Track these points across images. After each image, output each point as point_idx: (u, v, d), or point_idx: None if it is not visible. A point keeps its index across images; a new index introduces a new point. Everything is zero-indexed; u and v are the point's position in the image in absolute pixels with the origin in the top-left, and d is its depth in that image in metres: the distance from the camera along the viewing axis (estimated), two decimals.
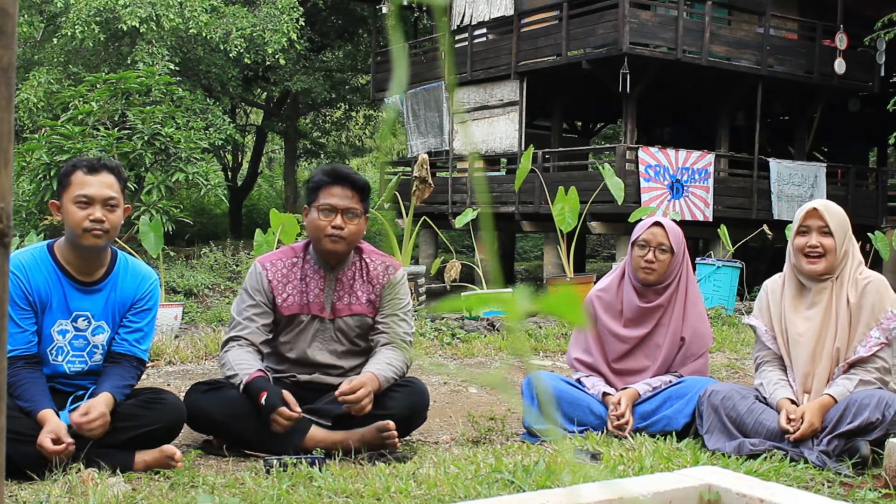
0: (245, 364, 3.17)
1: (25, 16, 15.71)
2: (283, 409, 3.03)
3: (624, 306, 3.64)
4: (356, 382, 3.09)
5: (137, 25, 14.01)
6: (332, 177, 3.27)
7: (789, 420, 3.07)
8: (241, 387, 3.12)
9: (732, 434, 3.17)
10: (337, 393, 3.09)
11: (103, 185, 2.91)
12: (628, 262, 3.65)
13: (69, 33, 14.22)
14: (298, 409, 3.06)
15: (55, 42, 15.30)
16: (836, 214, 3.23)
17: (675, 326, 3.59)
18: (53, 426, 2.75)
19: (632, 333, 3.61)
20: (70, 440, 2.74)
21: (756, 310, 3.43)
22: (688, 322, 3.60)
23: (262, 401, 3.04)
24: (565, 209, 9.50)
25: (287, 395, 3.08)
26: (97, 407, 2.81)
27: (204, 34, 14.53)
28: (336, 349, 3.34)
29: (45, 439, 2.71)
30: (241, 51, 14.92)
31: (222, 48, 15.13)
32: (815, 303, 3.22)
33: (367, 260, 3.39)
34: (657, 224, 3.57)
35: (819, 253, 3.18)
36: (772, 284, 3.39)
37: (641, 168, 12.44)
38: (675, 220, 3.83)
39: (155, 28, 14.19)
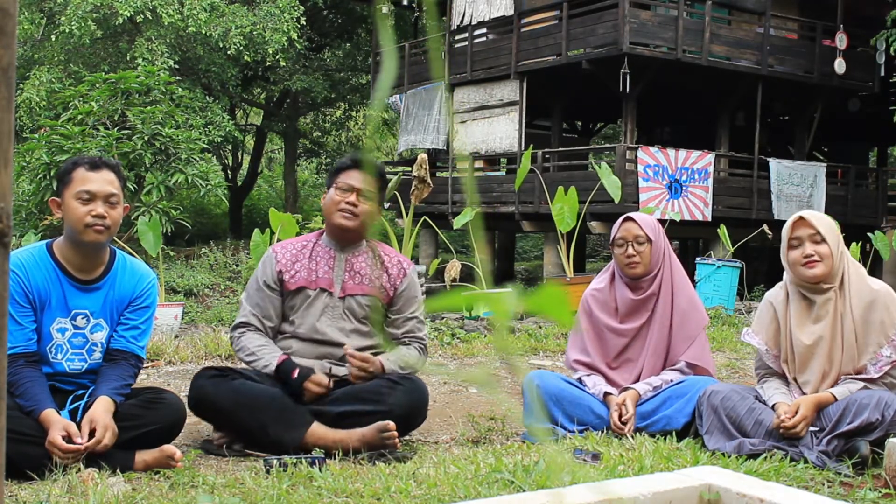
0: (266, 349, 3.32)
1: (26, 13, 15.70)
2: (315, 376, 3.21)
3: (618, 302, 3.67)
4: (367, 355, 3.30)
5: (133, 15, 14.00)
6: (354, 161, 3.46)
7: (782, 418, 3.07)
8: (273, 368, 3.25)
9: (732, 434, 3.17)
10: (346, 350, 3.28)
11: (105, 181, 2.93)
12: (615, 262, 3.69)
13: (66, 30, 14.22)
14: (330, 385, 3.23)
15: (54, 40, 15.29)
16: (823, 220, 3.20)
17: (666, 314, 3.62)
18: (64, 424, 2.75)
19: (629, 326, 3.63)
20: (81, 441, 2.74)
21: (756, 324, 3.38)
22: (678, 307, 3.62)
23: (295, 375, 3.21)
24: (564, 209, 9.50)
25: (318, 372, 3.26)
26: (101, 419, 2.80)
27: (203, 31, 14.52)
28: (344, 327, 3.41)
29: (56, 437, 2.71)
30: (241, 49, 14.91)
31: (221, 46, 15.12)
32: (821, 316, 3.17)
33: (381, 254, 3.52)
34: (628, 219, 3.63)
35: (816, 260, 3.14)
36: (773, 298, 3.34)
37: (640, 168, 12.43)
38: (674, 220, 3.84)
39: (151, 17, 14.17)
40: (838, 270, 3.17)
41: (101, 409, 2.83)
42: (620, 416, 3.42)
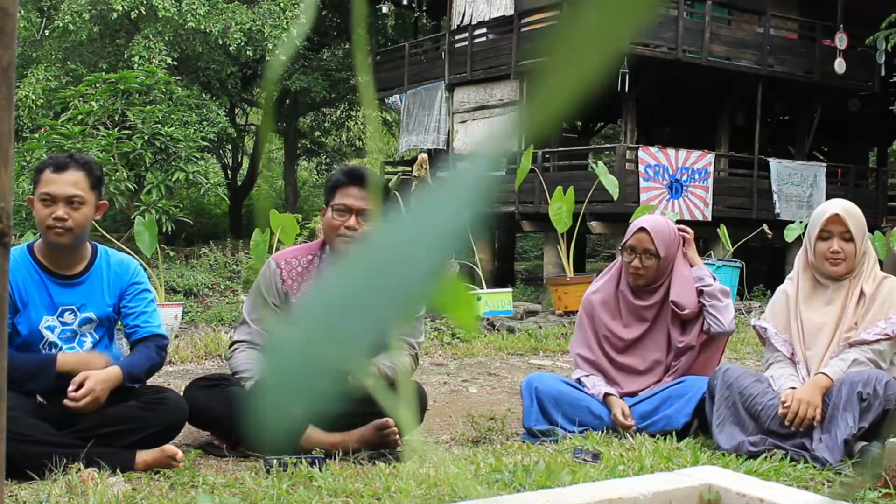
0: (256, 364, 3.21)
1: (22, 12, 15.70)
2: None
3: (621, 305, 3.65)
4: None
5: (128, 10, 13.98)
6: (350, 177, 3.24)
7: (785, 403, 3.10)
8: (251, 383, 3.13)
9: (741, 417, 3.19)
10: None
11: (67, 183, 2.92)
12: (622, 264, 3.67)
13: (61, 25, 14.21)
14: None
15: (47, 34, 15.29)
16: (856, 218, 3.28)
17: (667, 320, 3.63)
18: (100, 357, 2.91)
19: (630, 333, 3.62)
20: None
21: (768, 312, 3.44)
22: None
23: None
24: (563, 209, 9.49)
25: None
26: (91, 380, 2.86)
27: (202, 27, 14.51)
28: None
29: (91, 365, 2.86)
30: (241, 44, 14.90)
31: (221, 42, 15.12)
32: (833, 299, 3.27)
33: None
34: (642, 230, 3.55)
35: (842, 258, 3.23)
36: (788, 288, 3.41)
37: (641, 168, 12.44)
38: (675, 221, 3.83)
39: (146, 12, 14.15)
40: (858, 265, 3.24)
41: (102, 376, 2.87)
42: (623, 412, 3.43)
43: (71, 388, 2.81)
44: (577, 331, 3.77)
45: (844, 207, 3.28)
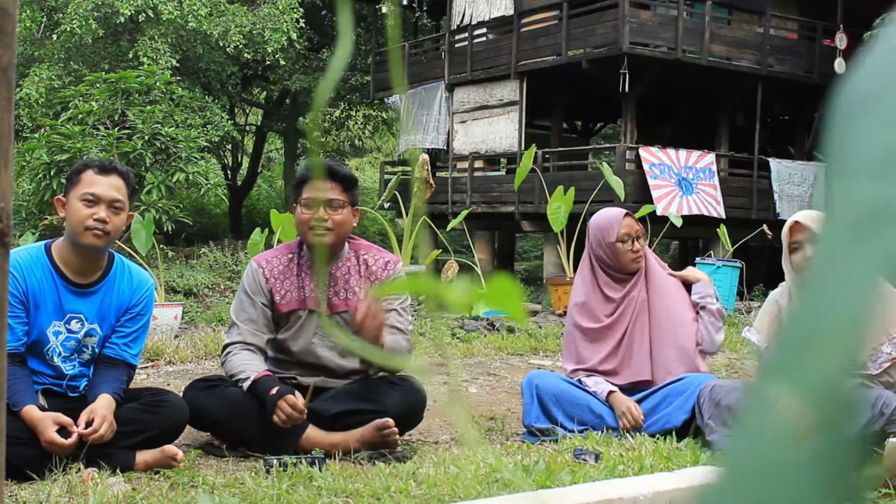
0: (252, 364, 3.18)
1: (27, 10, 15.69)
2: (290, 396, 3.02)
3: (611, 301, 3.66)
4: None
5: (133, 14, 14.00)
6: (314, 171, 3.31)
7: None
8: (248, 383, 3.10)
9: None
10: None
11: (111, 186, 2.92)
12: (611, 257, 3.61)
13: (68, 28, 14.22)
14: (304, 410, 3.05)
15: (55, 38, 15.30)
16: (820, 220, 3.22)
17: (646, 287, 3.65)
18: (54, 417, 2.74)
19: (621, 318, 3.63)
20: (77, 430, 2.74)
21: (758, 322, 3.40)
22: (654, 276, 3.66)
23: (273, 392, 3.04)
24: (561, 208, 9.48)
25: (297, 394, 3.09)
26: (100, 412, 2.81)
27: (203, 27, 14.52)
28: (336, 345, 3.33)
29: (52, 434, 2.71)
30: (241, 47, 14.92)
31: (221, 45, 15.12)
32: None
33: (366, 257, 3.38)
34: (627, 215, 3.59)
35: None
36: (779, 297, 3.37)
37: (646, 167, 12.42)
38: (674, 221, 3.84)
39: (152, 15, 14.16)
40: None
41: (103, 404, 2.84)
42: (631, 411, 3.43)
43: (81, 427, 2.76)
44: (565, 347, 3.74)
45: (805, 214, 3.24)
